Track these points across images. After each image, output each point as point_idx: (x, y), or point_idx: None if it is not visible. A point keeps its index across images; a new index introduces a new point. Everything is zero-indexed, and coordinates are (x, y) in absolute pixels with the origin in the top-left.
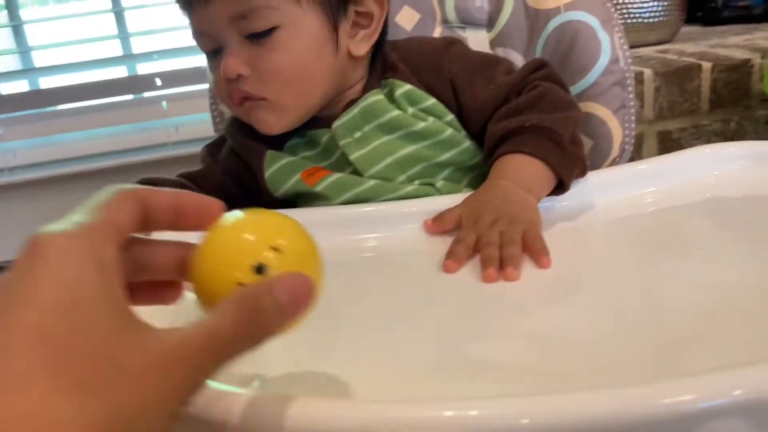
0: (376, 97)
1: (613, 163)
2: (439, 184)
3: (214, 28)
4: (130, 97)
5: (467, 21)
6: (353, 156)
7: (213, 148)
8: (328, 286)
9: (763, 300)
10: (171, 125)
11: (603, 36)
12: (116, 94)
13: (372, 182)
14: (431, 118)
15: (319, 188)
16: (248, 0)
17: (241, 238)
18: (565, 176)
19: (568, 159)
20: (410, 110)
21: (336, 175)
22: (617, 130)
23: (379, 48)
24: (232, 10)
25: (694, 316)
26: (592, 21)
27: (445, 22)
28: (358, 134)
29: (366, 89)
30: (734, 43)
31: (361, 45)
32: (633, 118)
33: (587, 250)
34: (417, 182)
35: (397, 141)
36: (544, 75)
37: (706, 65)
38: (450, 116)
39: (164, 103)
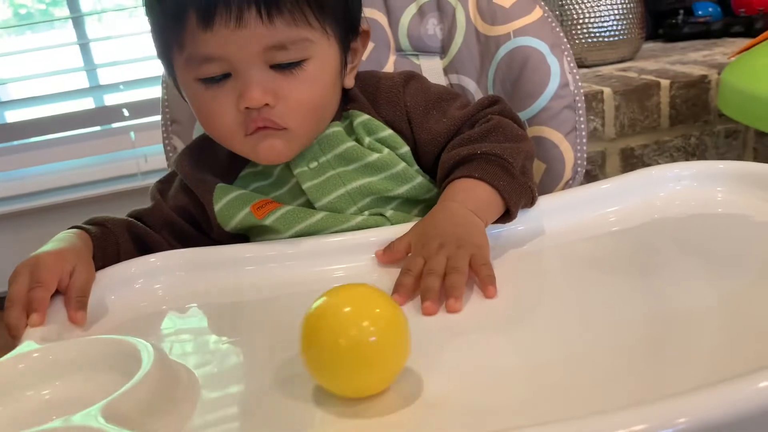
0: (335, 128)
1: (566, 185)
2: (389, 213)
3: (239, 55)
4: (97, 128)
5: (420, 49)
6: (306, 185)
7: (163, 184)
8: (286, 318)
9: (713, 322)
10: (140, 155)
11: (552, 61)
12: (84, 126)
13: (321, 214)
14: (386, 150)
15: (268, 221)
16: (290, 30)
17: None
18: (512, 203)
19: (517, 186)
20: (367, 140)
21: (285, 208)
22: (569, 153)
23: None
24: (272, 39)
25: (643, 342)
26: (541, 46)
27: (399, 50)
28: (314, 164)
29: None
30: (693, 59)
31: (350, 77)
32: (584, 140)
33: (536, 275)
34: (367, 213)
35: (351, 172)
36: (497, 110)
37: (665, 82)
38: (405, 148)
39: (132, 133)
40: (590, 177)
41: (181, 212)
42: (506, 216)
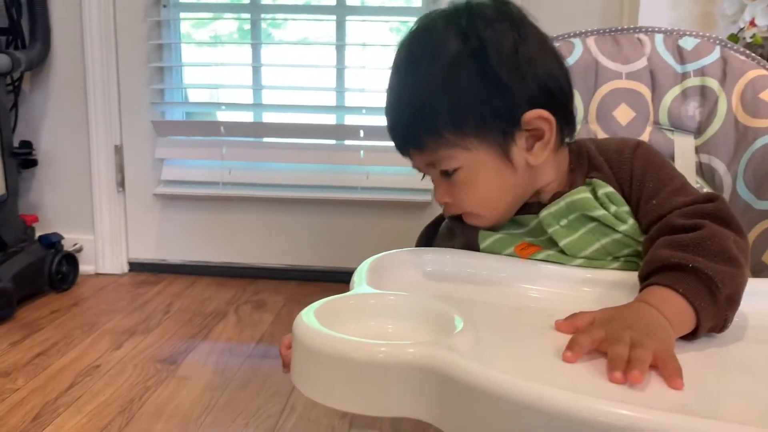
0: (584, 194)
1: None
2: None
3: (420, 167)
4: (333, 141)
5: (677, 126)
6: (563, 242)
7: (429, 229)
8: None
9: None
10: (364, 172)
11: None
12: (324, 137)
13: (581, 260)
14: (631, 221)
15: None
16: (433, 153)
17: None
18: (703, 328)
19: (716, 313)
20: (612, 209)
21: (547, 252)
22: None
23: (580, 146)
24: (425, 159)
25: None
26: None
27: (656, 123)
28: (564, 221)
29: (572, 184)
30: None
31: (539, 154)
32: None
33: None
34: (623, 259)
35: (601, 228)
36: (711, 210)
37: None
38: (631, 221)
39: (362, 152)
40: None
41: None
42: (691, 335)
